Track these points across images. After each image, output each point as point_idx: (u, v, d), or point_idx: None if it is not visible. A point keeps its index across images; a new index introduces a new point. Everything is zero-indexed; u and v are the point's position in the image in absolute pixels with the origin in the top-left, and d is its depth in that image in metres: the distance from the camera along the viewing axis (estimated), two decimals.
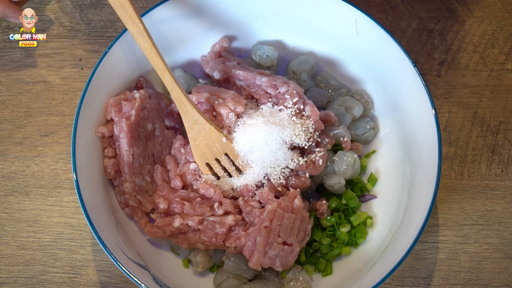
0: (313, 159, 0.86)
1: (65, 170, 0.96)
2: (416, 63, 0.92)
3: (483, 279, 0.90)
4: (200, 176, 0.87)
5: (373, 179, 0.91)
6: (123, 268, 0.74)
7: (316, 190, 0.92)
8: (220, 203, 0.84)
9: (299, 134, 0.84)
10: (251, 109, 0.89)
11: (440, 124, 0.92)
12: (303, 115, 0.87)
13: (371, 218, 0.89)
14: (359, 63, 0.94)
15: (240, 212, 0.86)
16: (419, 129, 0.84)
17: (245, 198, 0.86)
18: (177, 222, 0.81)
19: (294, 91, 0.87)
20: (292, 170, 0.86)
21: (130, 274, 0.74)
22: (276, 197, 0.85)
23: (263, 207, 0.84)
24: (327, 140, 0.89)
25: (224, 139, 0.86)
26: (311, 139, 0.86)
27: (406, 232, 0.79)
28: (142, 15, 0.86)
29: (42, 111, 1.00)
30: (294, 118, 0.86)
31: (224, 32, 0.96)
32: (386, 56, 0.88)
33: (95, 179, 0.84)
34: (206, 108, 0.89)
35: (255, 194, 0.86)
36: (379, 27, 0.86)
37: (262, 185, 0.86)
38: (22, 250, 0.92)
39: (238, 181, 0.86)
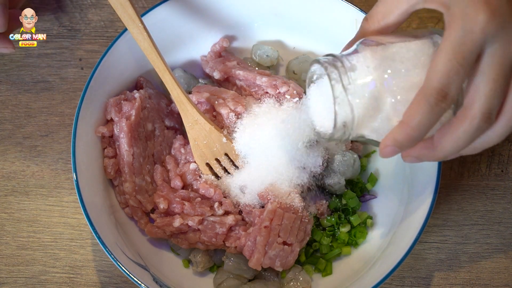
0: None
1: (65, 170, 0.96)
2: None
3: (483, 279, 0.90)
4: (200, 176, 0.87)
5: (373, 179, 0.91)
6: (123, 268, 0.74)
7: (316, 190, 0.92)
8: (220, 203, 0.85)
9: None
10: (251, 109, 0.89)
11: None
12: None
13: (371, 218, 0.89)
14: None
15: (240, 212, 0.86)
16: None
17: None
18: (177, 222, 0.82)
19: (295, 91, 0.87)
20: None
21: (130, 274, 0.74)
22: None
23: (263, 207, 0.84)
24: None
25: (224, 139, 0.86)
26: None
27: (406, 232, 0.79)
28: (142, 15, 0.86)
29: (42, 111, 1.00)
30: None
31: (224, 32, 0.96)
32: None
33: (95, 179, 0.84)
34: (206, 108, 0.89)
35: None
36: None
37: None
38: (22, 250, 0.92)
39: None
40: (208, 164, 0.87)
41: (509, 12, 0.58)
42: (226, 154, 0.87)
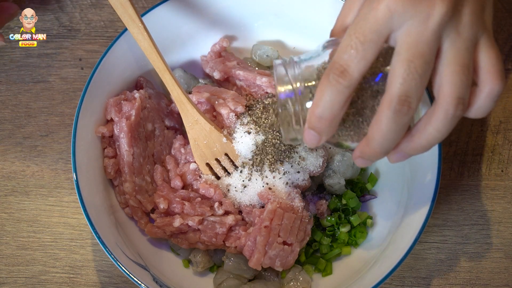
0: None
1: (65, 170, 0.96)
2: None
3: (483, 279, 0.90)
4: (200, 176, 0.87)
5: (373, 179, 0.91)
6: (123, 268, 0.74)
7: (316, 190, 0.92)
8: (220, 203, 0.85)
9: None
10: (251, 109, 0.89)
11: None
12: None
13: (371, 218, 0.89)
14: None
15: (240, 212, 0.86)
16: None
17: None
18: (177, 222, 0.82)
19: None
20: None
21: (130, 274, 0.74)
22: None
23: (263, 207, 0.84)
24: None
25: (224, 139, 0.86)
26: None
27: (406, 232, 0.79)
28: (142, 15, 0.86)
29: (42, 111, 1.00)
30: None
31: (224, 32, 0.96)
32: None
33: (95, 179, 0.84)
34: (206, 108, 0.89)
35: None
36: None
37: None
38: (22, 250, 0.92)
39: None
40: (208, 164, 0.87)
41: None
42: (226, 154, 0.87)
